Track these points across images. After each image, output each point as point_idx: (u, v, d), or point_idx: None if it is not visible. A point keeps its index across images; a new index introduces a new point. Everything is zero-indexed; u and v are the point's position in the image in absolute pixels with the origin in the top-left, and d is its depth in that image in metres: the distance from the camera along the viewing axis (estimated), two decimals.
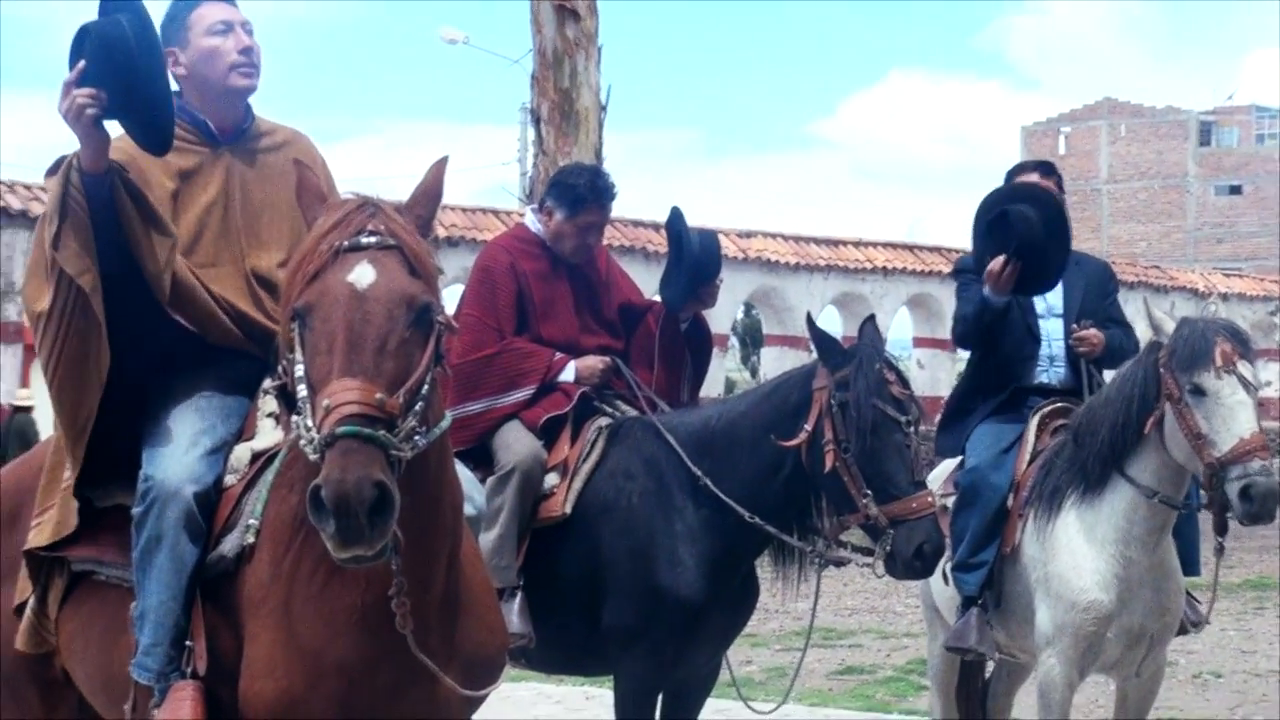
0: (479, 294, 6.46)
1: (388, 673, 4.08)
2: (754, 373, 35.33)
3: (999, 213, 6.70)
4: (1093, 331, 6.80)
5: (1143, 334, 6.67)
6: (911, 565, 5.66)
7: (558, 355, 6.38)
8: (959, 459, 6.87)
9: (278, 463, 4.33)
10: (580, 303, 6.58)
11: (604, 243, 6.89)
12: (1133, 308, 7.51)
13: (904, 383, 5.82)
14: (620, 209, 7.97)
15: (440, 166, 4.14)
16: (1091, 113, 70.00)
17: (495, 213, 23.15)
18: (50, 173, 4.42)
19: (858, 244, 26.99)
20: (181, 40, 4.78)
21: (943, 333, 26.24)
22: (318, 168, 4.69)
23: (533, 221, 6.65)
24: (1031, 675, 6.80)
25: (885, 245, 27.36)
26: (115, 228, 4.39)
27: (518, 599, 6.03)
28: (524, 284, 6.44)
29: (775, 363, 24.77)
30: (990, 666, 7.32)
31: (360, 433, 3.61)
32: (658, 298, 6.83)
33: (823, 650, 12.65)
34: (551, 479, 6.16)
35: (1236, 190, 67.91)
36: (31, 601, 4.75)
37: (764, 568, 6.23)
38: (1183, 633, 6.58)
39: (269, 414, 4.56)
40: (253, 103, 4.89)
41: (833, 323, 25.56)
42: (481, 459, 6.10)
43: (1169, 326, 6.11)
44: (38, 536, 4.66)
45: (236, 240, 4.75)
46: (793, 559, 6.13)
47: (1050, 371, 6.89)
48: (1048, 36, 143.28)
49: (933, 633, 7.25)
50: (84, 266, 4.32)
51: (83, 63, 4.27)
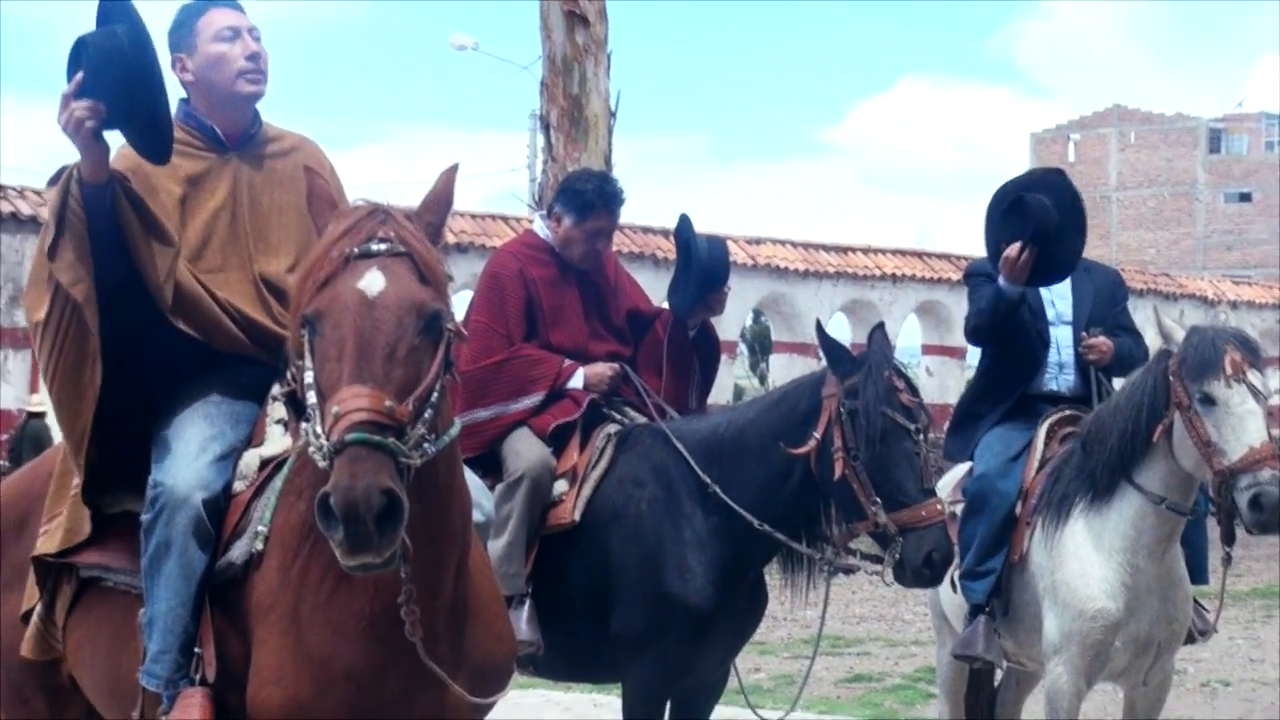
0: (488, 300, 6.45)
1: (396, 680, 4.08)
2: (763, 379, 35.29)
3: (1015, 199, 6.70)
4: (1102, 339, 6.79)
5: (1152, 342, 6.67)
6: (920, 573, 5.65)
7: (567, 362, 6.37)
8: (968, 465, 6.87)
9: (286, 469, 4.34)
10: (589, 309, 6.57)
11: (613, 249, 6.88)
12: (1142, 315, 7.52)
13: (913, 390, 5.81)
14: (629, 215, 7.97)
15: (450, 174, 4.14)
16: (1101, 120, 69.99)
17: (504, 219, 23.12)
18: (52, 182, 4.42)
19: (867, 251, 26.95)
20: (189, 46, 4.78)
21: (951, 340, 26.21)
22: (326, 174, 4.69)
23: (541, 228, 6.64)
24: (1040, 683, 6.79)
25: (894, 252, 27.31)
26: (117, 237, 4.39)
27: (526, 606, 6.02)
28: (533, 290, 6.43)
29: (784, 370, 24.74)
30: (999, 674, 7.31)
31: (369, 440, 3.60)
32: (666, 304, 6.82)
33: (831, 658, 12.64)
34: (560, 486, 6.16)
35: (1246, 197, 67.87)
36: (38, 608, 4.75)
37: (772, 575, 6.23)
38: (1190, 641, 6.57)
39: (278, 420, 4.56)
40: (261, 108, 4.90)
41: (842, 330, 25.56)
42: (490, 466, 6.09)
43: (1179, 335, 6.11)
44: (47, 543, 4.66)
45: (244, 245, 4.74)
46: (801, 566, 6.12)
47: (1060, 379, 6.88)
48: (1057, 43, 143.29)
49: (941, 640, 7.24)
50: (77, 277, 4.32)
51: (80, 75, 4.27)
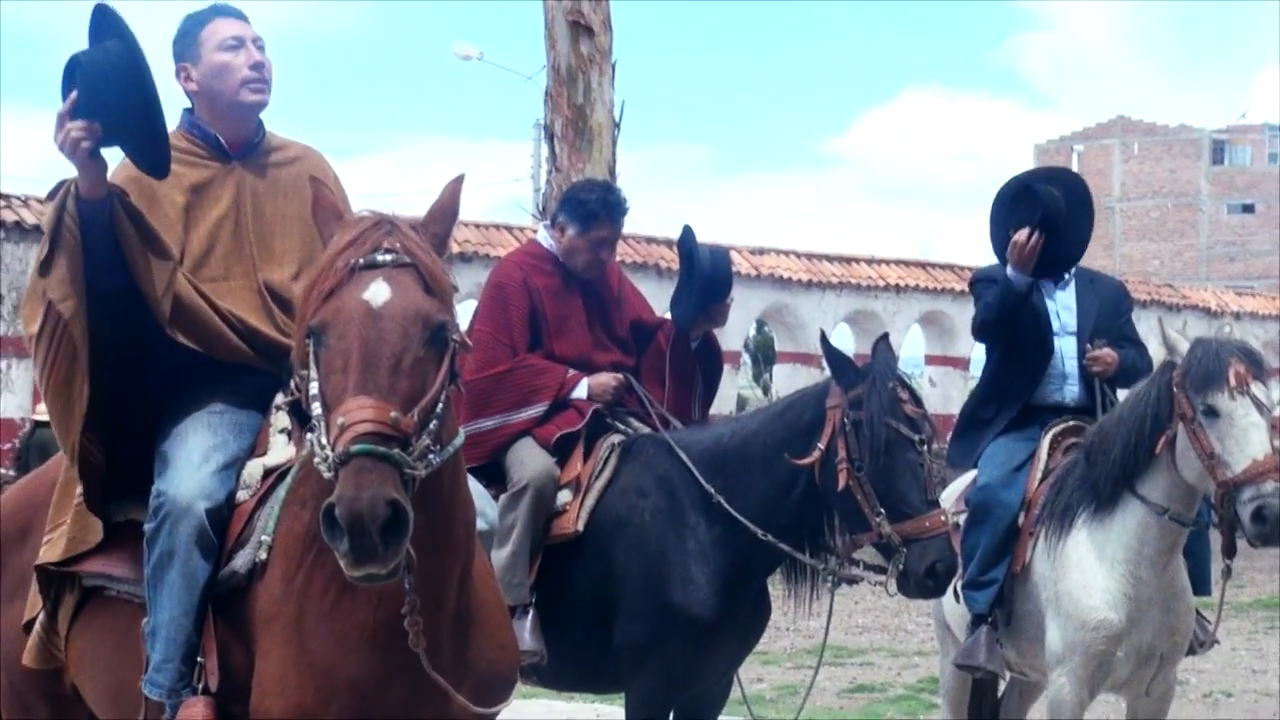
0: (492, 310, 6.45)
1: (399, 690, 4.08)
2: (766, 390, 35.20)
3: (1023, 186, 6.72)
4: (1106, 351, 6.79)
5: (1156, 353, 6.66)
6: (924, 584, 5.65)
7: (571, 372, 6.37)
8: (971, 475, 6.87)
9: (290, 479, 4.33)
10: (593, 319, 6.57)
11: (616, 259, 6.89)
12: (1145, 326, 7.50)
13: (917, 401, 5.82)
14: (632, 225, 7.96)
15: (457, 184, 4.14)
16: (1104, 131, 70.00)
17: (508, 229, 23.09)
18: (51, 196, 4.43)
19: (870, 261, 26.91)
20: (193, 55, 4.79)
21: (955, 351, 26.19)
22: (331, 184, 4.68)
23: (545, 237, 6.65)
24: (1043, 693, 6.79)
25: (898, 263, 27.27)
26: (116, 252, 4.39)
27: (530, 616, 6.03)
28: (537, 300, 6.43)
29: (787, 380, 24.70)
30: (1002, 685, 7.31)
31: (374, 451, 3.60)
32: (669, 315, 6.82)
33: (834, 668, 12.62)
34: (564, 496, 6.16)
35: (1249, 209, 67.86)
36: (41, 617, 4.74)
37: (776, 585, 6.23)
38: (1191, 653, 6.58)
39: (281, 430, 4.55)
40: (265, 118, 4.90)
41: (845, 340, 25.49)
42: (494, 476, 6.08)
43: (1183, 346, 6.12)
44: (50, 552, 4.66)
45: (248, 254, 4.75)
46: (805, 577, 6.12)
47: (1064, 390, 6.88)
48: (1061, 54, 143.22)
49: (944, 650, 7.24)
50: (66, 294, 4.32)
51: (75, 94, 4.27)
